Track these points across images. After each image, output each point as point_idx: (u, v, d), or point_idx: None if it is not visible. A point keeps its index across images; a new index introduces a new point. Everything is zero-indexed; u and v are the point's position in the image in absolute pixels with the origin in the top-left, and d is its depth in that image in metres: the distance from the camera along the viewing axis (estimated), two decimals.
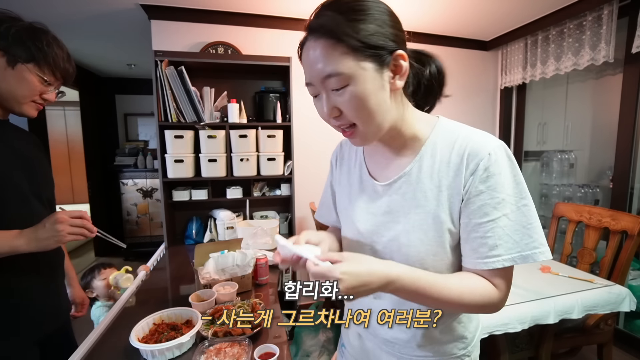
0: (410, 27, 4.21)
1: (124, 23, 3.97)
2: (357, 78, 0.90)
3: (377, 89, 0.93)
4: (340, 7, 0.92)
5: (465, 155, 0.97)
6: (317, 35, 0.91)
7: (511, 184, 0.95)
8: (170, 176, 3.34)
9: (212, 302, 1.94)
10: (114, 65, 6.08)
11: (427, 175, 1.02)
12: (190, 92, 3.23)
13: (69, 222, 1.44)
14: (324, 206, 1.44)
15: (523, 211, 0.94)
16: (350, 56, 0.89)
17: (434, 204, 1.00)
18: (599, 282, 2.36)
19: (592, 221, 2.83)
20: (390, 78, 0.95)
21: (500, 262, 0.93)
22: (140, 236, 6.54)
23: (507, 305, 2.00)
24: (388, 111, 0.97)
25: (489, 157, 0.94)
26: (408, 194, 1.05)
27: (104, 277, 2.63)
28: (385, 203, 1.10)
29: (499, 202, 0.94)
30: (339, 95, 0.93)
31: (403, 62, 0.95)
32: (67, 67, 1.65)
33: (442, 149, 1.02)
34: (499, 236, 0.93)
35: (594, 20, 3.54)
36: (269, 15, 3.84)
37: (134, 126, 7.18)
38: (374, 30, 0.91)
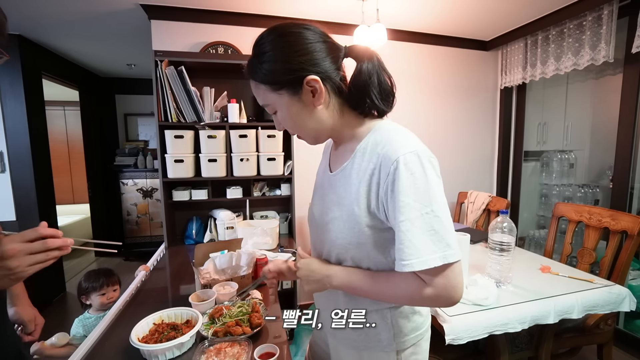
0: (410, 27, 4.24)
1: (124, 23, 3.97)
2: (280, 105, 1.16)
3: (299, 109, 1.15)
4: (255, 52, 1.15)
5: (380, 159, 1.09)
6: (249, 77, 1.18)
7: (416, 190, 1.02)
8: (170, 176, 3.34)
9: (212, 302, 1.95)
10: (114, 65, 6.07)
11: (355, 173, 1.17)
12: (190, 92, 3.24)
13: (25, 252, 1.03)
14: None
15: (425, 219, 1.01)
16: (269, 90, 1.14)
17: (352, 200, 1.15)
18: (598, 282, 2.36)
19: (592, 221, 2.83)
20: (311, 97, 1.13)
21: (408, 267, 1.02)
22: (140, 236, 6.53)
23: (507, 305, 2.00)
24: (318, 123, 1.19)
25: (397, 163, 1.03)
26: (341, 187, 1.22)
27: (103, 293, 2.61)
28: (329, 191, 1.28)
29: (403, 206, 1.02)
30: (276, 116, 1.22)
31: (315, 84, 1.11)
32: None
33: (370, 151, 1.15)
34: (405, 241, 1.02)
35: (594, 20, 3.54)
36: (269, 15, 3.84)
37: (134, 126, 7.18)
38: (276, 68, 1.10)
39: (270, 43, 1.12)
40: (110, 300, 2.60)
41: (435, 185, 1.05)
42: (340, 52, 1.18)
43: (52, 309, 4.73)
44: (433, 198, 1.02)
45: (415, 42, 4.48)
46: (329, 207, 1.25)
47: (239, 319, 1.74)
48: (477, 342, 2.18)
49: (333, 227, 1.21)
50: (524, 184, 4.99)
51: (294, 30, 1.14)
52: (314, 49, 1.12)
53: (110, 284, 2.65)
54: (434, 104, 4.70)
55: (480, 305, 2.04)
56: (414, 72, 4.55)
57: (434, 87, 4.67)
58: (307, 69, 1.10)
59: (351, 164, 1.19)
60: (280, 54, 1.10)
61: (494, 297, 2.07)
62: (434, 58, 4.62)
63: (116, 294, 2.67)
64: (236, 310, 1.83)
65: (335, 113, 1.20)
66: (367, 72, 1.15)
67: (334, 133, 1.26)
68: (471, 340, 1.90)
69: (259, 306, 1.90)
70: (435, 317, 2.01)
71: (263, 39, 1.14)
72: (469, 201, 4.36)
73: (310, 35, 1.13)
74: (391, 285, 1.11)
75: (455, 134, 4.86)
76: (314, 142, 1.27)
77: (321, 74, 1.12)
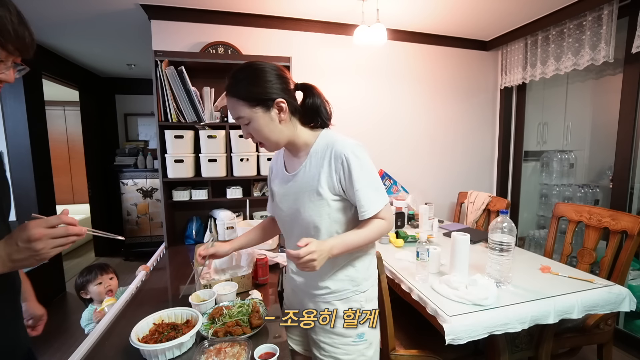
0: (410, 27, 4.25)
1: (124, 23, 3.98)
2: (253, 118, 1.55)
3: (267, 122, 1.56)
4: (235, 77, 1.55)
5: (332, 155, 1.60)
6: (228, 94, 1.55)
7: (360, 169, 1.57)
8: (170, 176, 3.34)
9: (212, 302, 1.94)
10: (114, 65, 6.08)
11: (314, 168, 1.65)
12: (190, 92, 3.23)
13: (49, 236, 1.11)
14: (269, 203, 2.05)
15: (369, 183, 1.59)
16: (246, 106, 1.53)
17: (316, 184, 1.62)
18: (598, 282, 2.35)
19: (592, 221, 2.83)
20: (277, 114, 1.57)
21: (368, 214, 1.59)
22: (141, 236, 6.53)
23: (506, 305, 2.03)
24: (280, 133, 1.61)
25: (345, 156, 1.56)
26: (303, 179, 1.67)
27: (100, 282, 2.62)
28: (291, 187, 1.73)
29: (356, 179, 1.56)
30: (247, 127, 1.59)
31: (282, 104, 1.56)
32: (21, 34, 1.16)
33: (322, 151, 1.64)
34: (363, 199, 1.58)
35: (594, 20, 3.54)
36: (269, 15, 3.85)
37: (134, 126, 7.19)
38: (255, 90, 1.52)
39: (249, 72, 1.54)
40: (108, 288, 2.62)
41: (371, 163, 1.62)
42: (291, 85, 1.64)
43: (52, 308, 4.72)
44: (369, 171, 1.60)
45: (415, 42, 4.48)
46: (295, 199, 1.70)
47: (239, 319, 1.74)
48: (477, 342, 2.18)
49: (302, 210, 1.67)
50: (524, 184, 4.99)
51: (264, 66, 1.57)
52: (280, 81, 1.57)
53: (104, 273, 2.67)
54: (434, 104, 4.70)
55: (480, 305, 2.03)
56: (414, 72, 4.54)
57: (434, 87, 4.67)
58: (278, 94, 1.55)
59: (309, 163, 1.67)
60: (257, 81, 1.53)
61: (493, 297, 2.07)
62: (433, 58, 4.62)
63: (114, 282, 2.69)
64: (236, 310, 1.83)
65: (292, 126, 1.65)
66: (316, 101, 1.68)
67: (289, 142, 1.68)
68: (471, 341, 1.90)
69: (259, 306, 1.90)
70: (435, 317, 2.01)
71: (242, 70, 1.56)
72: (469, 201, 4.36)
73: (275, 71, 1.57)
74: (370, 229, 1.62)
75: (455, 134, 4.87)
76: (275, 148, 1.68)
77: (286, 97, 1.57)
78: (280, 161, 1.87)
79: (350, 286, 1.75)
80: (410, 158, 4.69)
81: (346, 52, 4.23)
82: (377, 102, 4.44)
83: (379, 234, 1.66)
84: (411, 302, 2.29)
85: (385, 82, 4.43)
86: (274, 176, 1.92)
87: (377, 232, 1.64)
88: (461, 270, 2.35)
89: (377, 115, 4.46)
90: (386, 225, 1.66)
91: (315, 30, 4.08)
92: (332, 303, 1.76)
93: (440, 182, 4.88)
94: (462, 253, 2.36)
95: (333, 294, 1.75)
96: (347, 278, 1.74)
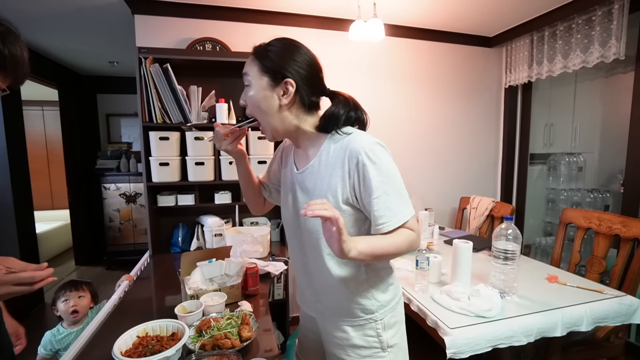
0: (409, 22, 4.26)
1: (106, 18, 3.97)
2: (254, 83, 1.47)
3: (266, 97, 1.47)
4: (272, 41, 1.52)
5: (347, 154, 1.44)
6: (252, 54, 1.51)
7: (379, 173, 1.41)
8: (155, 180, 3.33)
9: (200, 314, 1.94)
10: (96, 63, 6.07)
11: (324, 168, 1.51)
12: (176, 91, 3.23)
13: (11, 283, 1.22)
14: (267, 170, 1.98)
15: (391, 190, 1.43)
16: (258, 67, 1.47)
17: (325, 188, 1.49)
18: (609, 292, 2.36)
19: (602, 228, 2.84)
20: (280, 95, 1.46)
21: (389, 226, 1.41)
22: (123, 244, 6.52)
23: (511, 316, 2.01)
24: (276, 116, 1.50)
25: (361, 156, 1.41)
26: (311, 181, 1.55)
27: (66, 299, 2.60)
28: (299, 187, 1.61)
29: (374, 186, 1.40)
30: (246, 90, 1.51)
31: (290, 87, 1.45)
32: (25, 71, 1.33)
33: (335, 149, 1.50)
34: (382, 209, 1.41)
35: (604, 15, 3.55)
36: (260, 10, 3.86)
37: (117, 127, 7.18)
38: (276, 60, 1.45)
39: (283, 43, 1.50)
40: (73, 308, 2.59)
41: (393, 166, 1.48)
42: (324, 89, 1.58)
43: (30, 321, 4.70)
44: (394, 175, 1.46)
45: (415, 39, 4.49)
46: (303, 199, 1.58)
47: (228, 332, 1.74)
48: (481, 356, 2.19)
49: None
50: (529, 188, 5.00)
51: (300, 45, 1.52)
52: (306, 69, 1.48)
53: (73, 290, 2.64)
54: (434, 104, 4.71)
55: (483, 317, 2.04)
56: (413, 70, 4.55)
57: (434, 86, 4.68)
58: (293, 76, 1.45)
59: (318, 162, 1.54)
60: (282, 53, 1.46)
61: (498, 309, 2.08)
62: (434, 55, 4.63)
63: (82, 302, 2.64)
64: (225, 322, 1.82)
65: (292, 117, 1.53)
66: (337, 111, 1.54)
67: (291, 135, 1.60)
68: (474, 354, 1.91)
69: (248, 318, 1.90)
70: (436, 330, 2.02)
71: (280, 39, 1.52)
72: (472, 207, 4.37)
73: (309, 57, 1.51)
74: (399, 237, 1.41)
75: (457, 135, 4.88)
76: (270, 134, 1.57)
77: (300, 85, 1.47)
78: (290, 152, 1.75)
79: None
80: (409, 161, 4.69)
81: (341, 49, 4.24)
82: (374, 101, 4.44)
83: (408, 245, 1.44)
84: (410, 313, 2.28)
85: (383, 80, 4.43)
86: (286, 165, 1.77)
87: (407, 242, 1.43)
88: (463, 280, 2.36)
89: (374, 115, 4.38)
90: (416, 238, 1.46)
91: (308, 25, 4.08)
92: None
93: (441, 186, 4.89)
94: (464, 262, 2.37)
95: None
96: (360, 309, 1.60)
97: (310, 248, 1.58)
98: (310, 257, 1.61)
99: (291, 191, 1.66)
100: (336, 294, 1.59)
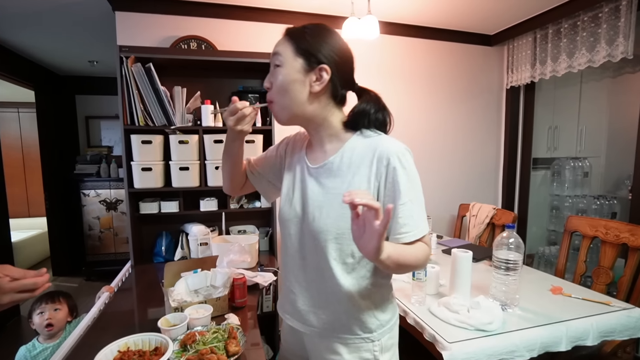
0: (405, 19, 4.26)
1: (86, 15, 3.96)
2: (287, 64, 1.45)
3: (297, 80, 1.44)
4: (308, 24, 1.52)
5: (376, 155, 1.44)
6: (286, 34, 1.50)
7: (409, 179, 1.42)
8: (137, 186, 3.31)
9: (184, 327, 1.93)
10: (74, 62, 6.06)
11: (346, 166, 1.49)
12: (160, 92, 3.22)
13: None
14: (261, 156, 1.95)
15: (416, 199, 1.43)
16: (291, 48, 1.46)
17: (345, 187, 1.46)
18: (616, 304, 2.36)
19: (609, 237, 2.84)
20: (312, 81, 1.45)
21: (412, 236, 1.40)
22: (104, 253, 6.49)
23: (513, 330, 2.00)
24: (298, 99, 1.47)
25: (393, 159, 1.41)
26: (328, 177, 1.53)
27: (41, 312, 2.59)
28: (312, 183, 1.57)
29: (403, 191, 1.39)
30: (275, 72, 1.48)
31: (325, 74, 1.44)
32: None
33: (362, 148, 1.49)
34: (408, 216, 1.40)
35: (611, 12, 3.56)
36: (247, 7, 3.85)
37: (97, 130, 7.17)
38: (312, 43, 1.45)
39: (319, 28, 1.51)
40: (47, 321, 2.57)
41: (418, 175, 1.47)
42: (354, 83, 1.60)
43: (6, 334, 4.71)
44: (419, 184, 1.46)
45: (411, 37, 4.49)
46: (312, 198, 1.55)
47: (214, 346, 1.73)
48: None
49: (318, 213, 1.51)
50: (532, 195, 5.01)
51: (336, 33, 1.53)
52: (341, 58, 1.49)
53: (49, 302, 2.63)
54: (431, 106, 4.71)
55: (483, 330, 2.04)
56: (410, 70, 4.55)
57: (431, 87, 4.69)
58: (329, 62, 1.45)
59: (339, 159, 1.52)
60: (319, 37, 1.47)
61: (499, 322, 2.07)
62: (431, 54, 4.64)
63: (59, 315, 2.64)
64: (211, 336, 1.81)
65: (320, 107, 1.51)
66: (366, 107, 1.54)
67: (310, 124, 1.57)
68: None
69: (236, 332, 1.88)
70: (434, 345, 2.01)
71: (317, 24, 1.52)
72: (471, 214, 4.37)
73: (343, 45, 1.52)
74: (419, 250, 1.40)
75: (455, 139, 4.88)
76: (286, 118, 1.53)
77: (334, 74, 1.46)
78: (301, 145, 1.74)
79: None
80: None
81: None
82: None
83: (424, 260, 1.44)
84: (406, 327, 2.28)
85: (377, 80, 4.38)
86: (292, 159, 1.75)
87: (424, 257, 1.43)
88: (462, 291, 2.35)
89: None
90: (429, 255, 1.47)
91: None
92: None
93: (439, 192, 4.88)
94: (464, 272, 2.37)
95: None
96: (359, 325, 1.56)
97: (314, 251, 1.54)
98: (312, 262, 1.56)
99: (299, 188, 1.62)
100: (336, 304, 1.53)
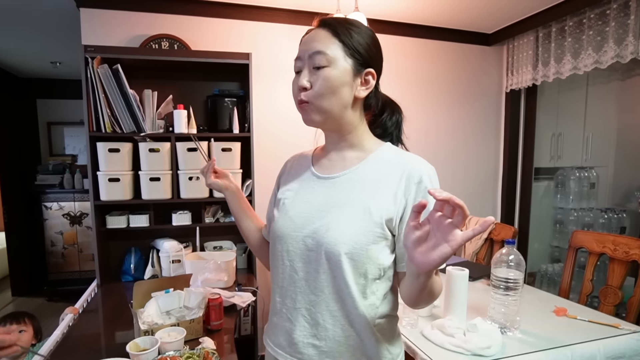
0: (396, 17, 4.30)
1: (47, 11, 3.95)
2: (337, 65, 1.37)
3: (345, 82, 1.39)
4: (352, 21, 1.46)
5: (406, 172, 1.40)
6: (325, 27, 1.42)
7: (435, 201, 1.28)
8: (103, 198, 3.30)
9: (155, 352, 1.93)
10: (35, 64, 6.05)
11: (370, 178, 1.45)
12: (128, 96, 3.21)
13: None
14: (269, 223, 1.76)
15: None
16: (340, 49, 1.38)
17: (368, 199, 1.39)
18: (625, 327, 2.37)
19: (618, 253, 2.85)
20: (358, 85, 1.43)
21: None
22: (67, 272, 6.48)
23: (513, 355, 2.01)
24: (342, 104, 1.42)
25: (424, 179, 1.38)
26: (347, 188, 1.46)
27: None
28: (324, 194, 1.50)
29: None
30: (317, 72, 1.38)
31: (372, 79, 1.45)
32: None
33: (389, 161, 1.47)
34: None
35: (620, 9, 3.57)
36: (224, 3, 3.86)
37: (60, 137, 7.16)
38: (362, 44, 1.42)
39: (369, 31, 1.48)
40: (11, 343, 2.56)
41: None
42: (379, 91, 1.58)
43: None
44: None
45: (402, 36, 4.53)
46: (327, 209, 1.45)
47: None
48: None
49: (334, 225, 1.40)
50: (534, 208, 5.03)
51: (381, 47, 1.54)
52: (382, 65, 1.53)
53: (14, 323, 2.62)
54: (425, 110, 4.74)
55: (481, 355, 2.04)
56: (401, 71, 4.59)
57: (423, 90, 4.72)
58: (376, 68, 1.47)
59: (362, 170, 1.48)
60: (368, 39, 1.45)
61: (497, 346, 2.07)
62: (425, 55, 4.67)
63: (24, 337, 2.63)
64: None
65: (356, 114, 1.50)
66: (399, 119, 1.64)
67: (341, 129, 1.51)
68: None
69: (211, 357, 1.89)
70: None
71: (361, 25, 1.48)
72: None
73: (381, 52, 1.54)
74: (439, 280, 1.37)
75: (451, 146, 4.90)
76: (320, 121, 1.45)
77: (377, 81, 1.50)
78: (305, 161, 1.69)
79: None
80: None
81: None
82: None
83: (439, 292, 1.39)
84: None
85: None
86: (288, 177, 1.72)
87: (440, 288, 1.38)
88: (458, 313, 2.36)
89: None
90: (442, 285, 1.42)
91: (280, 20, 4.10)
92: None
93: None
94: (459, 292, 2.37)
95: None
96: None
97: (321, 270, 1.43)
98: (317, 282, 1.44)
99: (303, 200, 1.55)
100: (346, 333, 1.43)
